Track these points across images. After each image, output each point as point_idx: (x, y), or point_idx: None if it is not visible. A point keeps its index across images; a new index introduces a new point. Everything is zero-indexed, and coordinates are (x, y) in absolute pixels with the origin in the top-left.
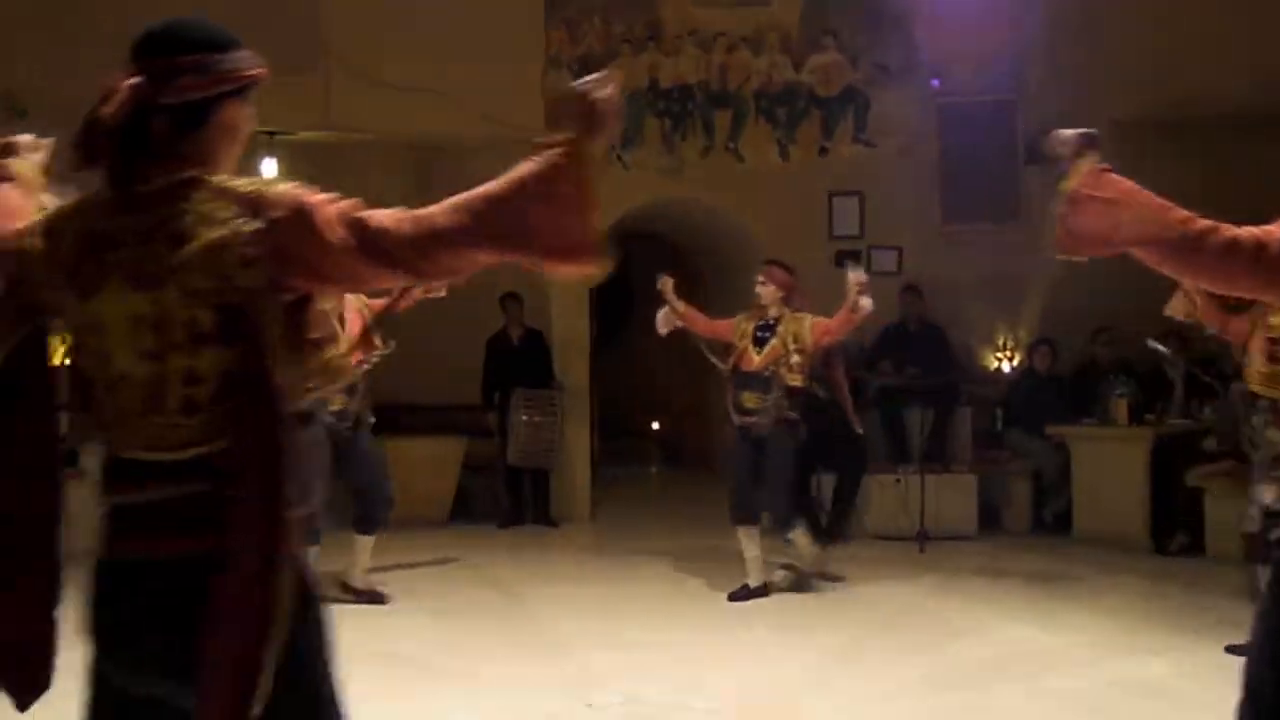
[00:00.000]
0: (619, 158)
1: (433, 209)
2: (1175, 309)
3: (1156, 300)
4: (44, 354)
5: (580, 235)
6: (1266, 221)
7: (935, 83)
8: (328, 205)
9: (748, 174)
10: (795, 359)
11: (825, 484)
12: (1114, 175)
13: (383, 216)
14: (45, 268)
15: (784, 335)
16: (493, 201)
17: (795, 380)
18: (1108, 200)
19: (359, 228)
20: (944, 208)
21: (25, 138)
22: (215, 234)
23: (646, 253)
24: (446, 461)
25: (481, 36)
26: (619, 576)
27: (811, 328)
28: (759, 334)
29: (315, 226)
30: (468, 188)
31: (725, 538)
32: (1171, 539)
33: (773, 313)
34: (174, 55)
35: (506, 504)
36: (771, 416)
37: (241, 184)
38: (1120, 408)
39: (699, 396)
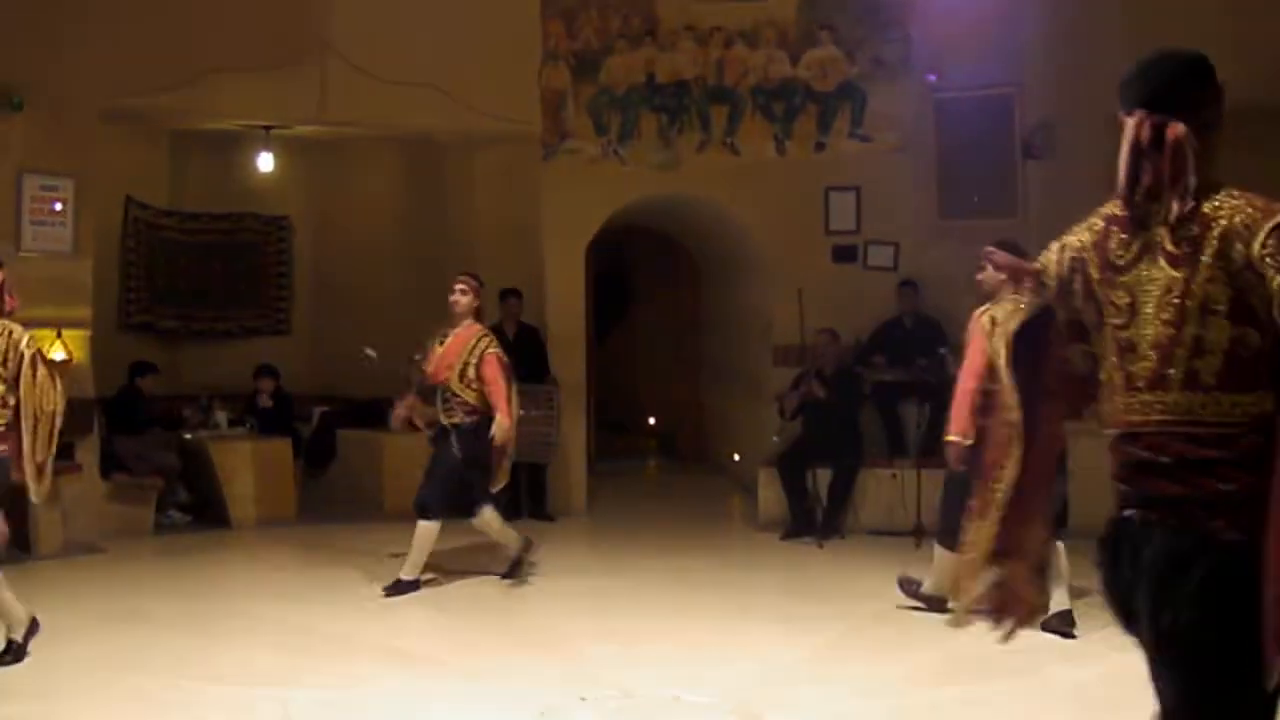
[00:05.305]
0: (616, 152)
1: None
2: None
3: None
4: None
5: None
6: None
7: (932, 77)
8: None
9: (744, 169)
10: (469, 373)
11: (821, 478)
12: None
13: None
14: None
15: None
16: None
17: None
18: None
19: None
20: (941, 202)
21: None
22: None
23: (643, 247)
24: None
25: (478, 31)
26: (614, 570)
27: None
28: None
29: None
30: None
31: (721, 533)
32: None
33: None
34: None
35: (503, 498)
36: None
37: None
38: None
39: (695, 392)
